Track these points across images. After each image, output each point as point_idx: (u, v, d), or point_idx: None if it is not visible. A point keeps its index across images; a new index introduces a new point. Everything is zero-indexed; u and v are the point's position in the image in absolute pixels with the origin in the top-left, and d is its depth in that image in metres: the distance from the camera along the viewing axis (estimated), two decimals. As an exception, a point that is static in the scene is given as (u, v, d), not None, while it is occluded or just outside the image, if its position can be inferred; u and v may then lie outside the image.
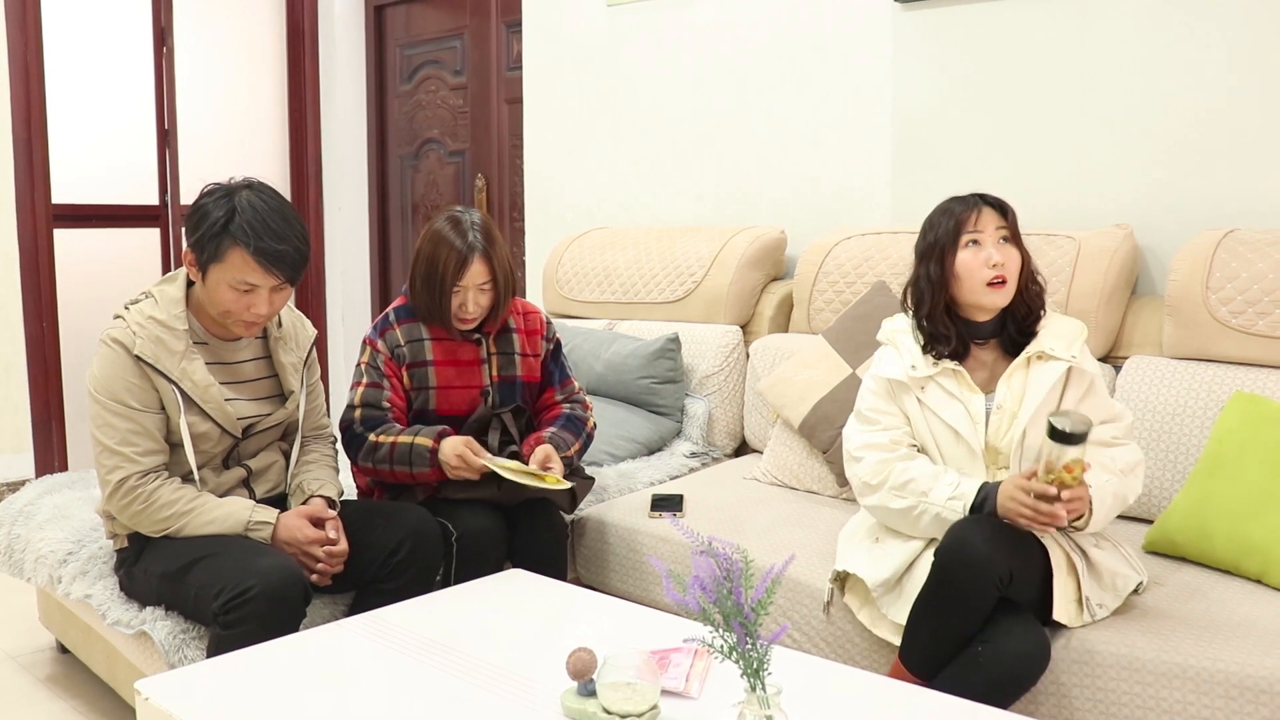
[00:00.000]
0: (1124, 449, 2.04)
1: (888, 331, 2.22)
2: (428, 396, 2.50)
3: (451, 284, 2.41)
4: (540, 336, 2.64)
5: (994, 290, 2.05)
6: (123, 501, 2.12)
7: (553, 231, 4.16)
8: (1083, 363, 2.04)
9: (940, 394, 2.09)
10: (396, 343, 2.50)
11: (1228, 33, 2.62)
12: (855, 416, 2.20)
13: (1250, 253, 2.40)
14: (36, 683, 2.76)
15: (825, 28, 3.34)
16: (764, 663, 1.37)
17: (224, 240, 2.07)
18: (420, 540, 2.24)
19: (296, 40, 5.28)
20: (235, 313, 2.14)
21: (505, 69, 4.65)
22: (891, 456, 2.08)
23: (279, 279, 2.12)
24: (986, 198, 2.11)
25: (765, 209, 3.55)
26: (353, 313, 5.38)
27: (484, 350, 2.55)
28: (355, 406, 2.46)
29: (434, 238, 2.44)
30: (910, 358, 2.12)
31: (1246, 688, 1.74)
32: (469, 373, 2.52)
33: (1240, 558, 2.08)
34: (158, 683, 1.68)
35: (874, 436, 2.12)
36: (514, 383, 2.57)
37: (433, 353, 2.50)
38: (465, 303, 2.44)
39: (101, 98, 4.76)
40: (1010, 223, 2.09)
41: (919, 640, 1.93)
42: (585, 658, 1.55)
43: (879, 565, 2.08)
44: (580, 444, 2.58)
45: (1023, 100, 2.95)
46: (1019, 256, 2.07)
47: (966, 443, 2.05)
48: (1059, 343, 2.05)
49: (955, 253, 2.06)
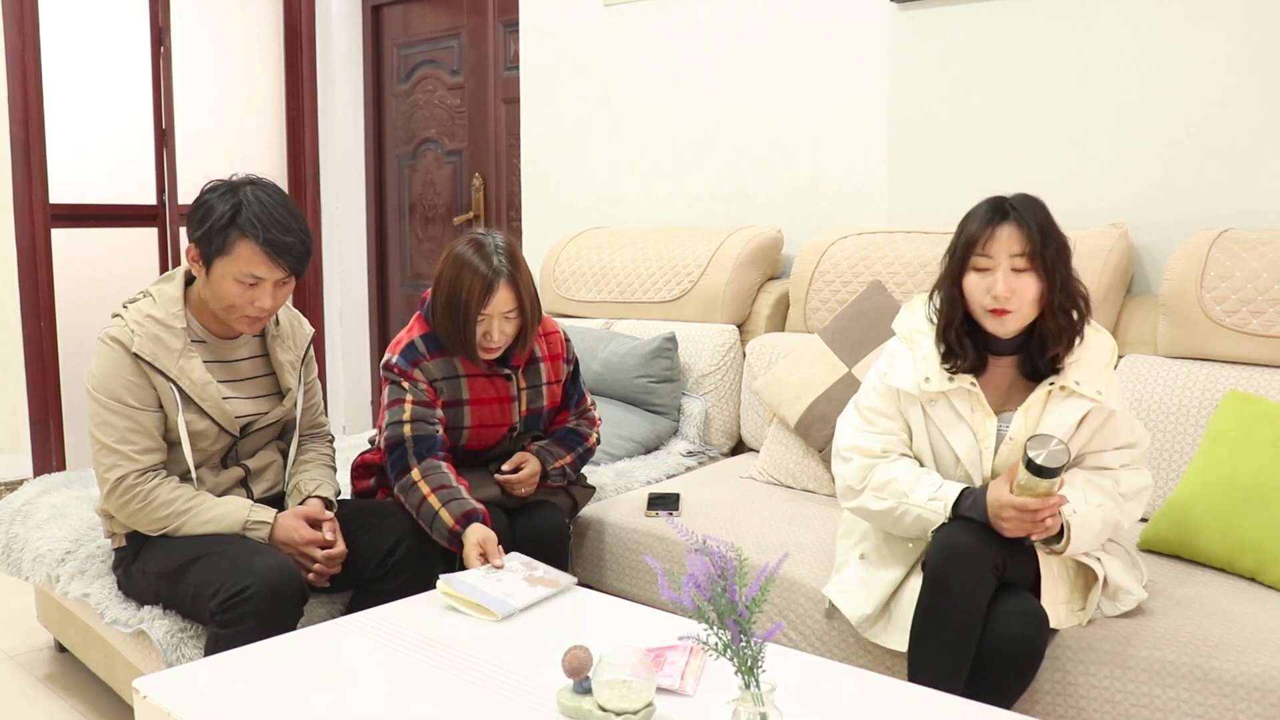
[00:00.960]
0: (1131, 473, 1.96)
1: (905, 327, 2.08)
2: (460, 435, 2.42)
3: (476, 312, 2.28)
4: (562, 360, 2.56)
5: (995, 318, 1.92)
6: (121, 500, 2.13)
7: (550, 231, 4.17)
8: (1107, 400, 1.92)
9: (949, 413, 1.99)
10: (433, 376, 2.38)
11: (1223, 33, 2.63)
12: (854, 409, 2.11)
13: (1245, 252, 2.41)
14: (35, 682, 2.76)
15: (822, 27, 3.35)
16: (758, 660, 1.38)
17: (231, 233, 2.09)
18: (417, 540, 2.25)
19: (294, 40, 5.28)
20: (239, 307, 2.14)
21: (502, 69, 4.66)
22: (879, 463, 2.01)
23: (285, 271, 2.13)
24: (1011, 211, 1.91)
25: (762, 208, 3.56)
26: (350, 312, 5.38)
27: (514, 386, 2.46)
28: (405, 422, 2.33)
29: (456, 262, 2.31)
30: (925, 367, 1.99)
31: (1240, 685, 1.75)
32: (501, 410, 2.45)
33: (1234, 556, 2.09)
34: (156, 681, 1.69)
35: (866, 440, 2.04)
36: (540, 414, 2.53)
37: (468, 391, 2.41)
38: (490, 331, 2.31)
39: (99, 98, 4.76)
40: (1032, 247, 1.88)
41: (927, 655, 1.87)
42: (581, 655, 1.56)
43: (863, 596, 2.03)
44: (573, 457, 2.54)
45: (1018, 100, 2.96)
46: (1035, 286, 1.89)
47: (965, 469, 1.98)
48: (1086, 375, 1.92)
49: (965, 272, 1.94)
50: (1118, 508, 1.92)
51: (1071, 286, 1.93)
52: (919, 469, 2.00)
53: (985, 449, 1.97)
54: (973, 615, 1.84)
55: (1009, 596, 1.86)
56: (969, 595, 1.84)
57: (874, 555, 2.08)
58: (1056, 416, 1.93)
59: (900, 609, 2.00)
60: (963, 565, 1.85)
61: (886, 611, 2.02)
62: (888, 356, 2.09)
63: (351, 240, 5.39)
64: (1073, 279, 1.94)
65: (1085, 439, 1.95)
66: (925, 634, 1.88)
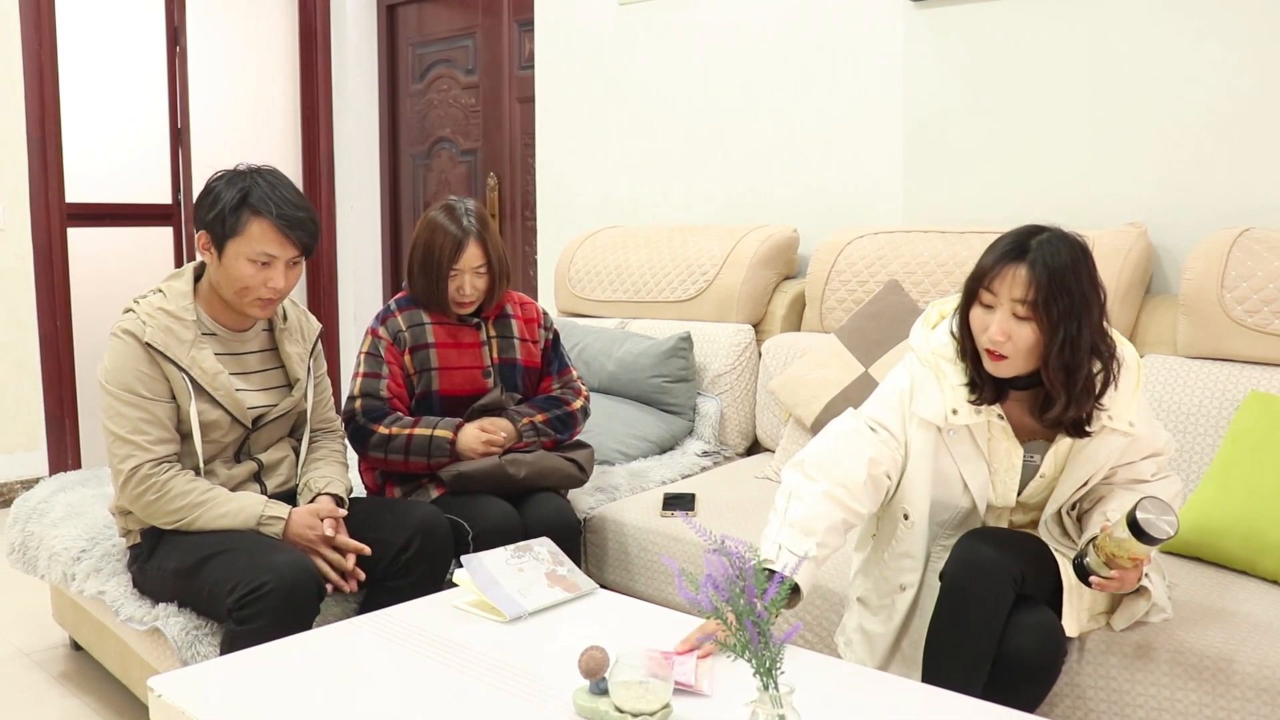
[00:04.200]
0: (1163, 483, 1.92)
1: (929, 353, 1.93)
2: (431, 378, 2.55)
3: (448, 268, 2.51)
4: (538, 325, 2.71)
5: (989, 358, 1.82)
6: (136, 490, 2.13)
7: (564, 230, 4.17)
8: (1139, 429, 1.84)
9: (969, 445, 1.90)
10: (398, 329, 2.57)
11: (1241, 31, 2.60)
12: (861, 413, 1.99)
13: (1266, 251, 2.39)
14: (50, 680, 2.77)
15: (837, 26, 3.34)
16: (776, 662, 1.37)
17: (243, 213, 2.14)
18: (430, 537, 2.25)
19: (309, 39, 5.29)
20: (253, 289, 2.17)
21: (517, 68, 4.66)
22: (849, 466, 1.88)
23: (297, 248, 2.18)
24: (1029, 252, 1.75)
25: (777, 208, 3.54)
26: (364, 311, 5.38)
27: (484, 333, 2.62)
28: (355, 397, 2.55)
29: (430, 225, 2.54)
30: (953, 399, 1.87)
31: (1263, 689, 1.73)
32: (470, 354, 2.59)
33: (1256, 557, 2.07)
34: (171, 679, 1.69)
35: (858, 444, 1.92)
36: (514, 365, 2.63)
37: (434, 335, 2.57)
38: (462, 286, 2.52)
39: (115, 97, 4.78)
40: (1035, 295, 1.73)
41: (943, 666, 1.84)
42: (597, 656, 1.55)
43: (865, 650, 2.00)
44: (546, 416, 2.59)
45: (1035, 99, 2.94)
46: (1032, 337, 1.76)
47: (972, 496, 1.92)
48: (1117, 408, 1.83)
49: (974, 304, 1.83)
50: None
51: (1083, 343, 1.76)
52: (830, 515, 1.84)
53: (1008, 480, 1.91)
54: (990, 628, 1.81)
55: (1027, 610, 1.83)
56: (987, 607, 1.81)
57: (871, 598, 2.03)
58: (1090, 454, 1.87)
59: (910, 644, 1.97)
60: (981, 577, 1.82)
61: (898, 651, 1.99)
62: (910, 382, 1.94)
63: (366, 239, 5.39)
64: (1089, 336, 1.77)
65: (1117, 460, 1.90)
66: (942, 645, 1.85)
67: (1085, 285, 1.76)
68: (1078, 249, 1.78)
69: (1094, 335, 1.78)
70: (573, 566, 2.09)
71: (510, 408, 2.58)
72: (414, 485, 2.55)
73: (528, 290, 4.56)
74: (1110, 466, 1.90)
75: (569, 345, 3.25)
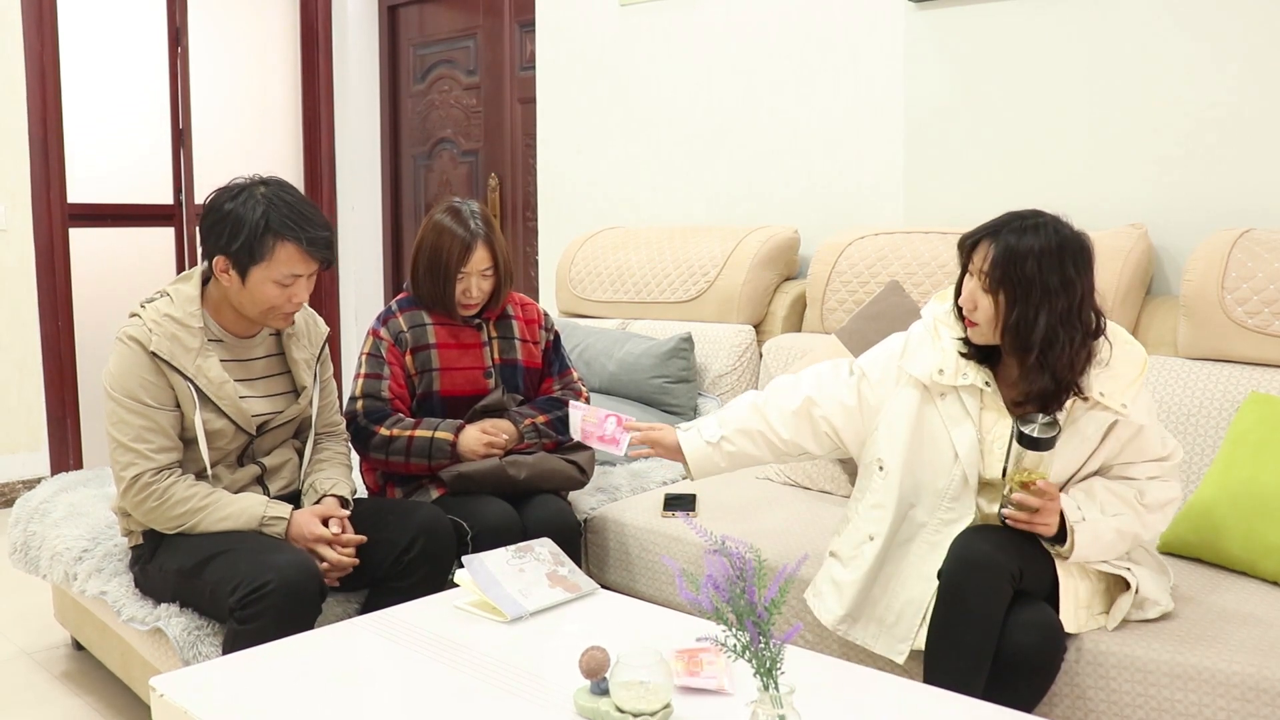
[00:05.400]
0: (1159, 485, 1.92)
1: (931, 317, 2.04)
2: (432, 378, 2.55)
3: (456, 271, 2.51)
4: (539, 326, 2.71)
5: (966, 323, 1.93)
6: (137, 498, 2.13)
7: (565, 231, 4.17)
8: (1133, 413, 1.86)
9: (958, 408, 1.96)
10: (399, 329, 2.57)
11: (1242, 32, 2.61)
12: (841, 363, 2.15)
13: (1266, 252, 2.39)
14: (52, 679, 2.77)
15: (838, 27, 3.34)
16: (777, 662, 1.37)
17: (268, 239, 2.12)
18: (432, 538, 2.25)
19: (310, 40, 5.30)
20: (279, 306, 2.18)
21: (518, 69, 4.66)
22: (788, 393, 2.12)
23: (321, 264, 2.19)
24: (1002, 229, 1.87)
25: (778, 208, 3.55)
26: (365, 312, 5.39)
27: (485, 334, 2.62)
28: (357, 398, 2.55)
29: (436, 228, 2.53)
30: (943, 359, 1.96)
31: (1262, 690, 1.73)
32: (471, 354, 2.59)
33: (1256, 559, 2.07)
34: (173, 679, 1.69)
35: (814, 381, 2.12)
36: (515, 366, 2.63)
37: (435, 336, 2.57)
38: (469, 288, 2.53)
39: (116, 98, 4.78)
40: (991, 269, 1.84)
41: (943, 664, 1.85)
42: (598, 656, 1.55)
43: (834, 599, 2.05)
44: (547, 418, 2.60)
45: (1036, 99, 2.95)
46: (990, 309, 1.86)
47: (962, 466, 1.95)
48: (1113, 386, 1.85)
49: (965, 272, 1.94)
50: (1137, 519, 1.89)
51: (1039, 328, 1.80)
52: (746, 420, 2.15)
53: (995, 449, 1.93)
54: (989, 625, 1.82)
55: (1025, 606, 1.85)
56: (985, 605, 1.82)
57: (843, 549, 2.08)
58: (1080, 428, 1.89)
59: (886, 612, 1.99)
60: (979, 574, 1.83)
61: (869, 613, 2.01)
62: (907, 339, 2.06)
63: (367, 240, 5.40)
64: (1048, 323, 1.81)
65: (1113, 451, 1.92)
66: (942, 643, 1.86)
67: (1050, 274, 1.82)
68: (1059, 239, 1.85)
69: (1058, 324, 1.81)
70: (574, 567, 2.10)
71: (511, 409, 2.59)
72: (414, 485, 2.55)
73: (529, 291, 4.57)
74: (1107, 458, 1.92)
75: (570, 346, 3.26)
